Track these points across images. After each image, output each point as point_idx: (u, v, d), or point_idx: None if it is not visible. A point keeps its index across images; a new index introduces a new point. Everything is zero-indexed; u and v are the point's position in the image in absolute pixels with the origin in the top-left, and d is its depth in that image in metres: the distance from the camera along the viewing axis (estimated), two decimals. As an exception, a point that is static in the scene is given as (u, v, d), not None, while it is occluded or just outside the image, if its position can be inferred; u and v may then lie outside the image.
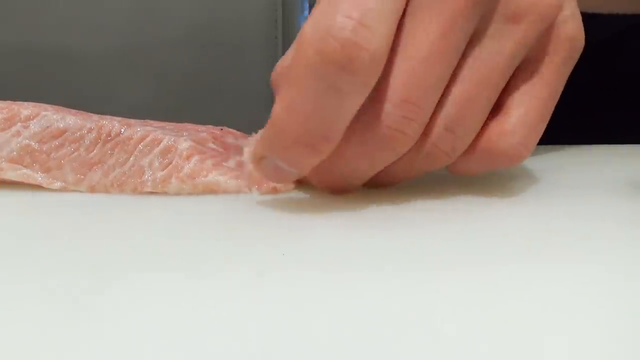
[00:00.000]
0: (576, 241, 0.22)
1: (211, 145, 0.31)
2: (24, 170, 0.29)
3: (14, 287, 0.17)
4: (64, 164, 0.29)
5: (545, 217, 0.25)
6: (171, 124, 0.33)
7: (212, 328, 0.15)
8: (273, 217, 0.25)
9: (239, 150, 0.32)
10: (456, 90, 0.25)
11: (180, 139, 0.29)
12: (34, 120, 0.29)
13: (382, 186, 0.28)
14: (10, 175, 0.29)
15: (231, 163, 0.30)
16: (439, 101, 0.24)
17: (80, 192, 0.29)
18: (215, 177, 0.28)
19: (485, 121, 0.26)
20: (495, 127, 0.26)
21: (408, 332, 0.14)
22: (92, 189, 0.29)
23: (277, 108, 0.23)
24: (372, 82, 0.22)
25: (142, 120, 0.32)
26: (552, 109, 0.27)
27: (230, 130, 0.34)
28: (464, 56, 0.24)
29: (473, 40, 0.25)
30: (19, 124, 0.29)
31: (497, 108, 0.26)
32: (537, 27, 0.25)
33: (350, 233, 0.23)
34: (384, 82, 0.23)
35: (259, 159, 0.24)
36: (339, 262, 0.19)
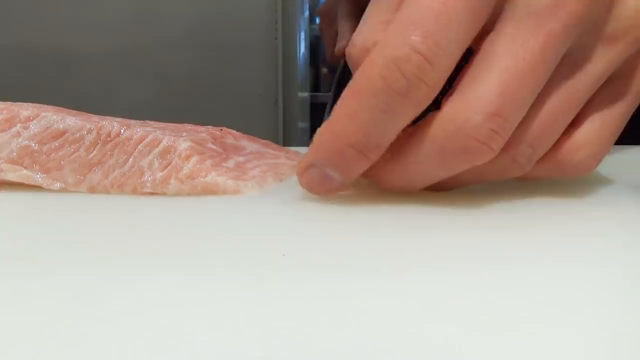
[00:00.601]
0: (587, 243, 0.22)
1: (210, 145, 0.31)
2: (24, 171, 0.29)
3: (14, 287, 0.17)
4: (63, 165, 0.29)
5: (551, 218, 0.25)
6: (171, 124, 0.33)
7: (212, 328, 0.15)
8: (273, 218, 0.25)
9: (238, 151, 0.32)
10: (542, 107, 0.24)
11: (179, 140, 0.29)
12: (34, 121, 0.29)
13: (442, 190, 0.27)
14: (10, 176, 0.29)
15: (230, 163, 0.30)
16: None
17: (80, 193, 0.29)
18: (214, 177, 0.28)
19: None
20: (568, 140, 0.26)
21: (408, 332, 0.14)
22: (92, 190, 0.29)
23: (339, 114, 0.24)
24: (426, 105, 0.23)
25: (142, 121, 0.32)
26: (624, 125, 0.27)
27: (230, 130, 0.34)
28: (553, 72, 0.24)
29: (565, 57, 0.24)
30: (19, 125, 0.29)
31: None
32: (631, 49, 0.25)
33: (352, 234, 0.23)
34: (471, 91, 0.23)
35: (306, 168, 0.25)
36: (339, 263, 0.19)
